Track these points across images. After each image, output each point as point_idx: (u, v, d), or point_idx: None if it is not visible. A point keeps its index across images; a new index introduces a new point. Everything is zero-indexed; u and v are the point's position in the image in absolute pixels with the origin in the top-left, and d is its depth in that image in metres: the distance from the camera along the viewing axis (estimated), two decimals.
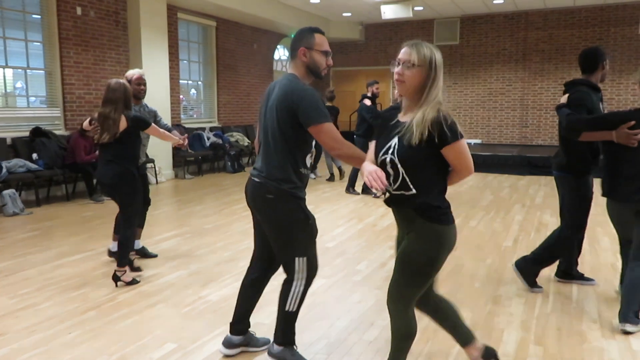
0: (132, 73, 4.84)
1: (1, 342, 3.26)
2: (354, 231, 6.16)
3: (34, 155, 7.70)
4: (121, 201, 4.41)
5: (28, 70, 8.48)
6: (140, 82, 4.81)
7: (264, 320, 3.61)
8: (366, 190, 8.57)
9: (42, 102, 8.77)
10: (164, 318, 3.65)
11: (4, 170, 7.02)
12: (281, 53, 15.48)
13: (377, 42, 15.72)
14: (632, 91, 12.84)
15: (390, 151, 2.38)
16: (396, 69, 2.38)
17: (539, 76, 14.01)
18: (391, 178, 2.38)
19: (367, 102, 8.32)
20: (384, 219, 6.80)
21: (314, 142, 2.88)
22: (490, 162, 11.65)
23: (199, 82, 12.48)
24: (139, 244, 5.04)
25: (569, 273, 4.35)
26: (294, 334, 2.99)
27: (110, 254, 4.96)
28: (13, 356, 3.08)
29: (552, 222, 6.64)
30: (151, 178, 9.75)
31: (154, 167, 9.66)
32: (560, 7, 13.47)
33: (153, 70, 9.81)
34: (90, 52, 9.08)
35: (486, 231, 6.21)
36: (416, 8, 13.14)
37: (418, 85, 2.36)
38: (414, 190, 2.35)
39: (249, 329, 3.18)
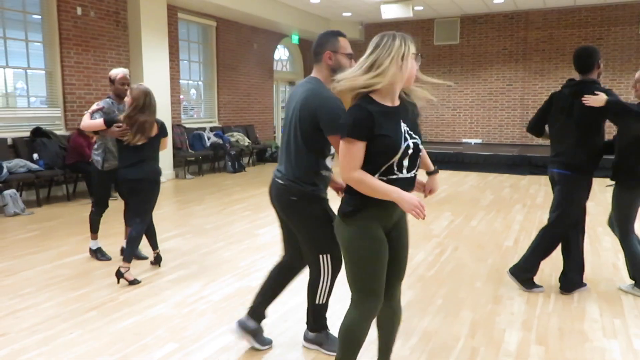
0: (117, 72, 4.81)
1: (2, 342, 3.26)
2: None
3: (35, 156, 7.70)
4: (143, 198, 4.53)
5: (28, 71, 8.47)
6: (124, 81, 4.79)
7: (265, 320, 3.61)
8: None
9: (43, 102, 8.76)
10: (165, 318, 3.64)
11: (5, 170, 7.02)
12: (281, 53, 15.48)
13: None
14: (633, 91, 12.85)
15: (409, 136, 2.33)
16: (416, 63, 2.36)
17: (539, 76, 14.01)
18: (408, 162, 2.36)
19: None
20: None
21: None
22: (490, 161, 11.65)
23: (199, 82, 12.47)
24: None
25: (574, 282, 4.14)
26: (325, 319, 3.20)
27: (90, 251, 5.11)
28: (14, 356, 3.08)
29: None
30: None
31: None
32: (560, 7, 13.46)
33: (153, 70, 9.82)
34: (91, 52, 9.08)
35: (487, 231, 6.21)
36: (416, 8, 13.14)
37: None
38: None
39: (263, 320, 3.26)
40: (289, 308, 3.83)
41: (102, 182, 4.94)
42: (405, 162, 2.34)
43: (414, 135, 2.36)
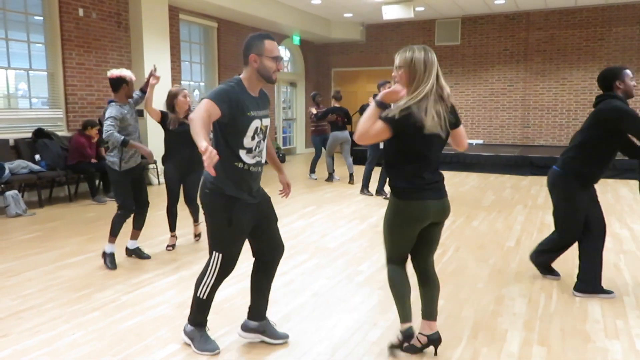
0: (131, 76, 4.90)
1: (5, 342, 3.26)
2: (356, 232, 6.15)
3: (37, 157, 7.71)
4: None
5: (30, 72, 8.48)
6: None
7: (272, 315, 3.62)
8: (380, 192, 8.45)
9: (44, 104, 8.77)
10: (167, 319, 3.65)
11: (7, 171, 7.02)
12: (282, 54, 15.47)
13: (378, 42, 15.71)
14: (635, 91, 12.82)
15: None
16: (393, 73, 2.93)
17: (541, 76, 13.99)
18: None
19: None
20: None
21: (253, 134, 2.95)
22: (491, 162, 11.64)
23: (201, 83, 12.48)
24: (135, 244, 5.14)
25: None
26: (205, 318, 3.22)
27: (129, 252, 5.15)
28: (17, 357, 3.08)
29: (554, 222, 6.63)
30: (152, 179, 9.76)
31: (156, 168, 9.67)
32: (561, 7, 13.46)
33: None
34: (92, 53, 9.09)
35: (488, 231, 6.20)
36: (417, 8, 13.13)
37: (407, 81, 2.85)
38: None
39: (267, 318, 3.31)
40: (292, 308, 3.84)
41: (122, 184, 4.87)
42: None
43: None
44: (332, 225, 6.50)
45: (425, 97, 2.79)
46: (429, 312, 3.16)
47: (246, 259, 5.00)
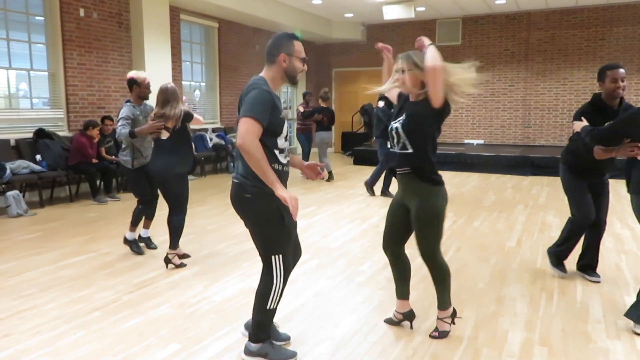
0: (144, 76, 5.11)
1: (6, 342, 3.26)
2: (357, 232, 6.15)
3: (38, 157, 7.71)
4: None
5: (31, 72, 8.48)
6: (149, 86, 5.19)
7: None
8: (385, 192, 8.44)
9: (45, 104, 8.77)
10: (168, 318, 3.65)
11: (8, 171, 7.02)
12: None
13: (379, 42, 15.68)
14: (635, 91, 12.82)
15: (399, 121, 3.26)
16: (397, 76, 3.26)
17: (542, 76, 13.98)
18: (395, 140, 3.32)
19: (381, 103, 8.21)
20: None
21: (286, 134, 2.95)
22: (492, 162, 11.64)
23: (202, 84, 12.48)
24: (147, 232, 5.42)
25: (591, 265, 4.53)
26: (271, 327, 3.13)
27: (126, 241, 5.30)
28: (18, 357, 3.08)
29: (555, 222, 6.63)
30: None
31: None
32: (562, 7, 13.45)
33: (156, 71, 9.80)
34: (93, 53, 9.09)
35: (489, 231, 6.20)
36: (418, 9, 13.13)
37: (414, 83, 3.19)
38: (411, 149, 3.26)
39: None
40: (293, 309, 3.84)
41: (137, 180, 5.19)
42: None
43: None
44: (333, 226, 6.50)
45: None
46: (406, 292, 3.60)
47: (246, 259, 5.02)
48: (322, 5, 13.07)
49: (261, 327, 3.02)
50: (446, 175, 10.05)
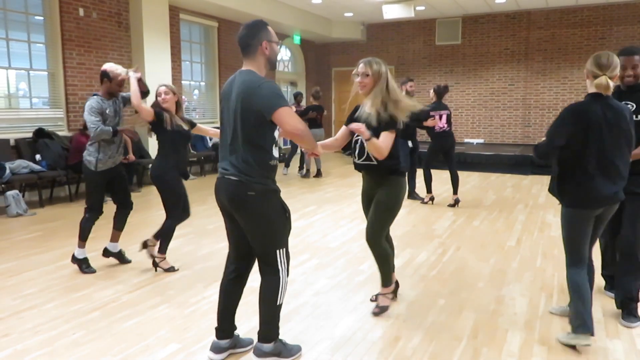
0: (118, 71, 4.58)
1: (6, 342, 3.27)
2: (357, 231, 6.15)
3: (37, 156, 7.70)
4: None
5: (31, 72, 8.47)
6: (123, 84, 4.71)
7: None
8: (412, 195, 8.15)
9: (45, 104, 8.76)
10: (167, 318, 3.65)
11: (8, 171, 7.01)
12: (283, 53, 15.46)
13: (379, 42, 15.70)
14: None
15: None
16: (358, 79, 3.57)
17: (541, 75, 13.98)
18: (357, 152, 3.63)
19: None
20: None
21: (277, 134, 2.92)
22: (492, 161, 11.63)
23: (201, 83, 12.45)
24: (116, 247, 4.92)
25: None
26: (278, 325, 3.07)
27: (108, 254, 4.93)
28: (18, 357, 3.08)
29: (555, 221, 6.63)
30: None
31: None
32: (562, 6, 13.44)
33: (155, 71, 9.80)
34: (93, 53, 9.08)
35: (489, 231, 6.20)
36: (418, 8, 13.12)
37: (372, 87, 3.51)
38: (375, 162, 3.53)
39: (235, 331, 3.15)
40: (293, 308, 3.84)
41: (96, 184, 4.73)
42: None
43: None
44: (333, 225, 6.49)
45: None
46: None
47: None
48: (322, 5, 13.06)
49: (273, 325, 2.99)
50: (445, 174, 10.04)
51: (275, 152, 2.91)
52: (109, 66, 4.58)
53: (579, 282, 3.24)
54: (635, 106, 3.66)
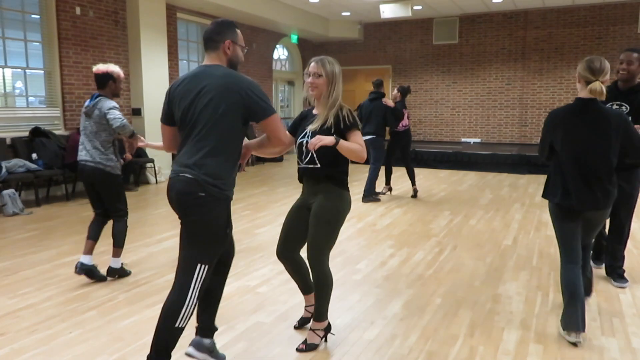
0: (119, 71, 4.51)
1: (2, 341, 3.26)
2: (354, 230, 6.15)
3: (34, 155, 7.67)
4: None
5: (27, 70, 8.45)
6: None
7: (264, 319, 3.62)
8: (367, 197, 8.17)
9: (42, 102, 8.73)
10: None
11: (4, 170, 7.00)
12: (280, 52, 15.45)
13: (376, 41, 15.71)
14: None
15: (306, 136, 3.11)
16: (309, 79, 3.12)
17: (538, 75, 14.01)
18: (303, 155, 3.14)
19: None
20: (384, 219, 6.80)
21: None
22: (489, 161, 11.65)
23: None
24: (90, 260, 4.46)
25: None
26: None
27: (113, 271, 4.55)
28: (14, 356, 3.08)
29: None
30: (150, 178, 9.75)
31: (154, 167, 9.66)
32: (559, 6, 13.47)
33: (152, 69, 9.83)
34: (90, 52, 9.06)
35: (486, 230, 6.21)
36: (415, 7, 13.13)
37: (325, 89, 3.11)
38: (319, 165, 3.08)
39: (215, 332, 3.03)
40: (290, 307, 3.84)
41: (122, 188, 4.62)
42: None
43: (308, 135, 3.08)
44: None
45: None
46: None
47: (242, 258, 5.01)
48: (319, 4, 13.05)
49: (170, 342, 2.65)
50: (443, 174, 10.05)
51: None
52: (106, 67, 4.45)
53: (570, 279, 3.32)
54: (629, 108, 3.73)
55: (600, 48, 13.20)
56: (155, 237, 5.65)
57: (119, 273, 4.52)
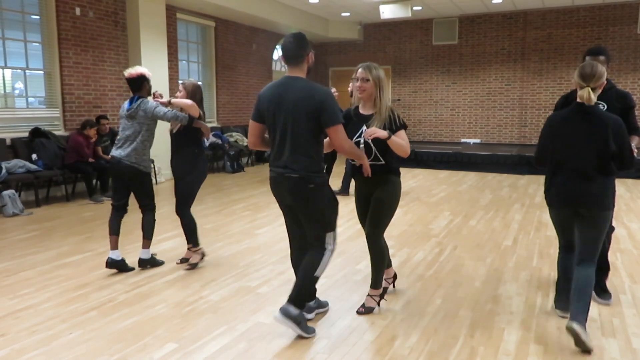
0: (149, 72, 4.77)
1: (2, 342, 3.26)
2: (354, 231, 6.14)
3: (34, 156, 7.65)
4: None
5: (27, 71, 8.44)
6: None
7: (264, 320, 3.62)
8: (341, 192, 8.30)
9: (41, 103, 8.72)
10: (164, 318, 3.64)
11: (4, 170, 6.97)
12: (280, 53, 15.36)
13: (376, 41, 15.71)
14: (631, 90, 12.83)
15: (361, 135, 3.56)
16: (357, 83, 3.56)
17: (538, 75, 14.01)
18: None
19: None
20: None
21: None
22: (489, 161, 11.64)
23: (198, 83, 12.34)
24: (119, 254, 4.73)
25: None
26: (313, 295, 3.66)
27: (143, 262, 4.81)
28: (14, 356, 3.08)
29: (551, 221, 6.62)
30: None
31: (154, 167, 9.64)
32: (558, 7, 13.47)
33: (152, 70, 9.68)
34: (90, 52, 9.06)
35: (486, 230, 6.21)
36: (415, 8, 13.13)
37: (373, 92, 3.55)
38: (382, 161, 3.61)
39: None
40: None
41: (152, 184, 4.95)
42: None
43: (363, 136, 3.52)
44: None
45: None
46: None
47: (243, 258, 5.01)
48: (319, 5, 13.05)
49: (305, 293, 3.38)
50: (443, 174, 10.04)
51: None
52: (137, 70, 4.66)
53: (564, 265, 3.67)
54: (606, 106, 3.75)
55: None
56: (156, 238, 5.63)
57: (150, 263, 4.81)
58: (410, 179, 10.31)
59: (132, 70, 4.64)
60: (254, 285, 4.30)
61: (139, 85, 4.63)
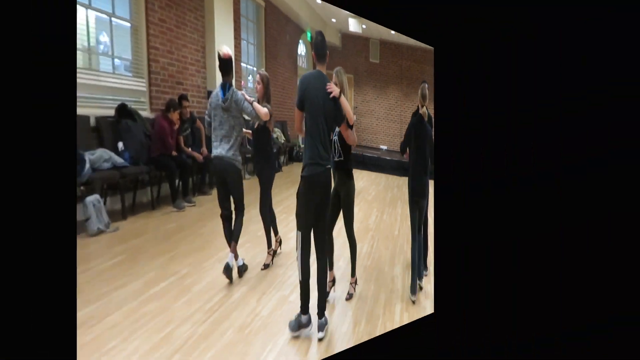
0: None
1: None
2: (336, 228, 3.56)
3: (120, 145, 3.10)
4: None
5: (113, 19, 3.54)
6: None
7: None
8: None
9: (127, 69, 3.74)
10: (232, 345, 1.48)
11: (87, 165, 2.64)
12: (301, 48, 8.65)
13: (347, 51, 10.54)
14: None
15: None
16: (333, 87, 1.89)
17: (407, 96, 10.68)
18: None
19: None
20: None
21: None
22: (388, 165, 8.35)
23: (254, 68, 5.00)
24: (240, 260, 2.29)
25: None
26: None
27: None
28: None
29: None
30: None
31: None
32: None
33: (221, 42, 4.67)
34: (173, 9, 4.01)
35: (393, 222, 3.98)
36: (363, 26, 8.26)
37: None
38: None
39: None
40: (289, 308, 1.99)
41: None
42: None
43: None
44: None
45: None
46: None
47: (280, 265, 2.49)
48: (321, 5, 7.28)
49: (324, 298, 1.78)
50: (373, 175, 7.11)
51: None
52: (229, 50, 1.99)
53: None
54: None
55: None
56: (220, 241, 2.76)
57: (242, 270, 2.36)
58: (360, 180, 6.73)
59: (225, 49, 2.02)
60: (286, 294, 2.20)
61: (229, 68, 2.08)
